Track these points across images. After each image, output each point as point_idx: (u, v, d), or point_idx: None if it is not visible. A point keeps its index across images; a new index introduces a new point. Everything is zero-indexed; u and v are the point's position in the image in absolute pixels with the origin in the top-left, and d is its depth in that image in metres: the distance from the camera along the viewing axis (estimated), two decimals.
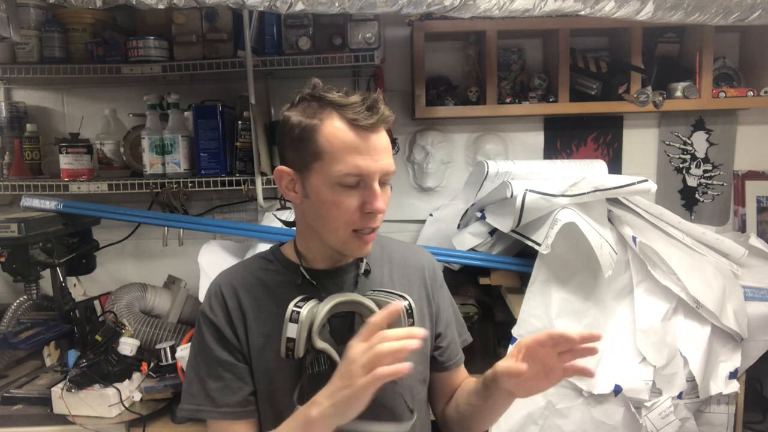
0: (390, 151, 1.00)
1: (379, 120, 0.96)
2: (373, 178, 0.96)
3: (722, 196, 2.16)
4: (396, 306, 0.89)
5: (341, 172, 0.95)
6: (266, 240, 1.73)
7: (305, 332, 0.94)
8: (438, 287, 1.18)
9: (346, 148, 0.94)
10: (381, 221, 1.01)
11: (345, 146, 0.94)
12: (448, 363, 1.18)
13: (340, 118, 0.95)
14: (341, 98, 0.96)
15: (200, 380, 1.04)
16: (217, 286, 1.08)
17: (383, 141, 0.98)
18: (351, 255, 1.05)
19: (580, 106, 1.97)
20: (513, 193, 1.54)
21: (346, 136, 0.95)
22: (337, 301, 0.97)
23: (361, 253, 1.03)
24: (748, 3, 1.45)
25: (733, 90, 1.96)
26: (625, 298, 1.55)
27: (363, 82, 2.09)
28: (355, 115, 0.94)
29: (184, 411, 1.04)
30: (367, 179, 0.96)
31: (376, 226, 1.00)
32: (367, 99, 0.96)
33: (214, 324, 1.04)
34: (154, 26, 1.94)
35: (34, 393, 1.66)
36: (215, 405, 1.02)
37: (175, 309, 1.96)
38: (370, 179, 0.96)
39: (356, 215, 0.97)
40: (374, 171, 0.96)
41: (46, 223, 1.73)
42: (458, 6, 1.38)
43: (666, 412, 1.47)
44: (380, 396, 1.04)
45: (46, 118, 2.16)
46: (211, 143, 1.88)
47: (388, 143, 0.99)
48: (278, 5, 1.35)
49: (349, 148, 0.94)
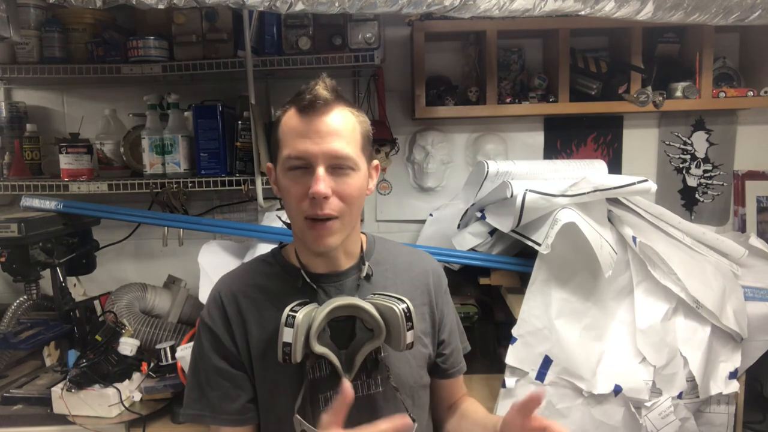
0: (344, 136, 0.97)
1: (313, 99, 0.95)
2: (315, 161, 0.95)
3: (722, 196, 2.16)
4: (405, 423, 0.85)
5: (286, 155, 0.97)
6: (266, 240, 1.73)
7: (302, 337, 0.93)
8: (443, 294, 1.18)
9: (291, 133, 0.97)
10: (337, 210, 0.97)
11: (291, 131, 0.97)
12: (451, 370, 1.18)
13: (293, 106, 0.99)
14: (301, 89, 0.99)
15: (200, 387, 1.05)
16: (216, 292, 1.08)
17: (331, 124, 0.96)
18: (312, 248, 1.01)
19: (580, 106, 1.97)
20: (513, 193, 1.54)
21: (293, 121, 0.98)
22: (335, 305, 0.97)
23: (319, 246, 0.99)
24: (748, 3, 1.45)
25: (733, 90, 1.96)
26: (625, 298, 1.55)
27: (363, 82, 2.09)
28: (299, 100, 0.97)
29: (186, 416, 1.05)
30: (311, 162, 0.96)
31: (322, 212, 0.96)
32: (312, 83, 0.98)
33: (212, 331, 1.05)
34: (154, 26, 1.94)
35: (34, 393, 1.66)
36: (215, 411, 1.03)
37: (175, 309, 1.96)
38: (313, 162, 0.95)
39: (305, 201, 0.96)
40: (314, 153, 0.95)
41: (46, 223, 1.73)
42: (458, 6, 1.38)
43: (666, 412, 1.47)
44: (383, 403, 1.04)
45: (46, 118, 2.16)
46: (211, 143, 1.88)
47: (340, 127, 0.97)
48: (278, 5, 1.35)
49: (293, 132, 0.97)
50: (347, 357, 1.01)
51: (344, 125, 0.98)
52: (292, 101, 1.00)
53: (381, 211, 2.20)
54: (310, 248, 1.02)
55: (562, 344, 1.45)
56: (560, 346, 1.45)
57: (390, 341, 0.99)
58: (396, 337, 0.97)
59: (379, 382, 1.05)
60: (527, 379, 1.46)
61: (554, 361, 1.45)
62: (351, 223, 1.02)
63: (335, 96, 0.98)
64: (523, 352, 1.47)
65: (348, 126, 0.99)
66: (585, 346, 1.47)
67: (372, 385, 1.04)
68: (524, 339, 1.47)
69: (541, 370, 1.45)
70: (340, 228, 0.99)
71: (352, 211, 1.00)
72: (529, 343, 1.47)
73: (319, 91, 0.96)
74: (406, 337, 0.97)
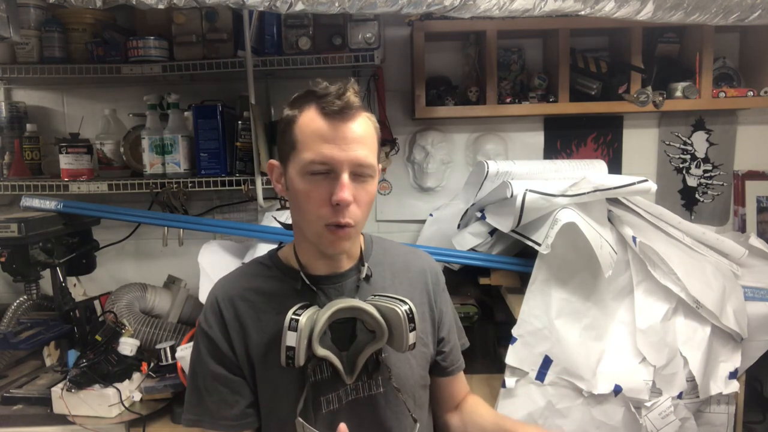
0: (367, 144, 0.97)
1: (345, 106, 0.94)
2: (340, 168, 0.94)
3: (722, 196, 2.16)
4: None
5: (308, 160, 0.95)
6: (266, 240, 1.73)
7: (305, 340, 0.93)
8: (441, 292, 1.18)
9: (315, 136, 0.95)
10: (355, 218, 0.97)
11: (314, 134, 0.95)
12: (451, 368, 1.18)
13: (315, 108, 0.96)
14: (322, 89, 0.96)
15: (198, 392, 1.04)
16: (213, 296, 1.07)
17: (357, 131, 0.95)
18: (325, 251, 1.01)
19: (580, 106, 1.97)
20: (513, 193, 1.53)
21: (317, 124, 0.95)
22: (337, 307, 0.96)
23: (334, 250, 1.00)
24: (748, 3, 1.45)
25: (733, 90, 1.96)
26: (625, 298, 1.55)
27: (363, 82, 2.09)
28: (326, 104, 0.95)
29: (186, 421, 1.05)
30: (335, 168, 0.94)
31: (345, 221, 0.95)
32: (341, 88, 0.96)
33: (209, 336, 1.04)
34: (154, 26, 1.94)
35: (34, 393, 1.66)
36: (213, 417, 1.03)
37: (175, 309, 1.96)
38: (338, 168, 0.94)
39: (326, 208, 0.95)
40: (341, 160, 0.94)
41: (46, 223, 1.73)
42: (458, 6, 1.38)
43: (666, 412, 1.47)
44: (384, 403, 1.04)
45: (46, 118, 2.16)
46: (211, 143, 1.88)
47: (364, 135, 0.96)
48: (278, 5, 1.35)
49: (318, 136, 0.95)
50: (348, 359, 1.01)
51: (367, 132, 0.98)
52: (312, 101, 0.97)
53: (381, 211, 2.20)
54: (324, 251, 1.01)
55: (562, 344, 1.45)
56: (560, 346, 1.45)
57: (392, 343, 0.99)
58: (398, 338, 0.97)
59: (380, 382, 1.04)
60: (527, 379, 1.46)
61: (554, 361, 1.45)
62: (362, 228, 1.03)
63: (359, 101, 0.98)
64: (523, 352, 1.47)
65: (370, 133, 0.98)
66: (585, 346, 1.47)
67: (373, 386, 1.04)
68: (524, 339, 1.47)
69: (541, 370, 1.45)
70: (355, 234, 1.00)
71: (366, 217, 1.01)
72: (529, 343, 1.47)
73: (351, 98, 0.95)
74: (408, 339, 0.96)
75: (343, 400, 1.03)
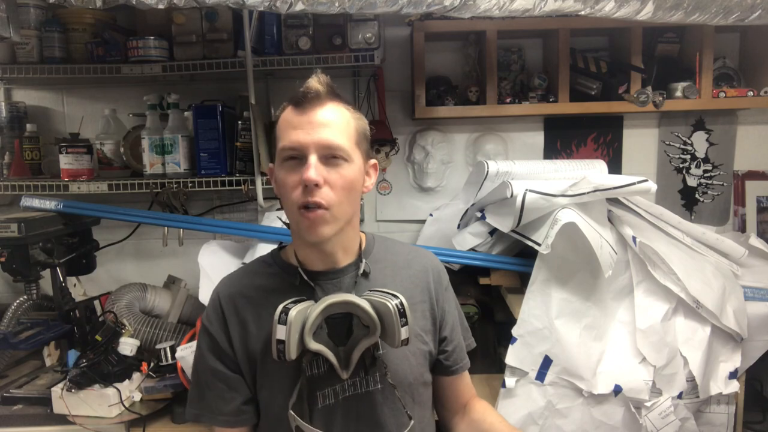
0: (336, 128, 0.99)
1: (307, 92, 0.98)
2: (307, 150, 0.97)
3: (722, 196, 2.16)
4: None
5: (281, 147, 1.00)
6: (266, 240, 1.73)
7: (297, 334, 0.94)
8: (444, 291, 1.18)
9: (286, 126, 1.00)
10: (327, 199, 0.97)
11: (287, 125, 1.00)
12: (454, 367, 1.18)
13: (290, 104, 1.02)
14: (298, 85, 1.01)
15: (199, 387, 1.07)
16: (215, 294, 1.10)
17: (323, 115, 0.99)
18: (306, 238, 1.01)
19: (580, 106, 1.97)
20: (513, 193, 1.54)
21: (288, 115, 1.01)
22: (330, 302, 0.97)
23: (311, 235, 0.99)
24: (748, 3, 1.45)
25: (733, 90, 1.96)
26: (625, 298, 1.56)
27: (363, 82, 2.09)
28: (295, 97, 1.01)
29: (189, 415, 1.08)
30: (303, 152, 0.98)
31: (313, 199, 0.96)
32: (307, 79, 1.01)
33: (209, 333, 1.07)
34: (154, 26, 1.94)
35: (34, 393, 1.66)
36: (213, 412, 1.05)
37: (175, 309, 1.96)
38: (305, 152, 0.97)
39: (298, 190, 0.98)
40: (306, 143, 0.97)
41: (46, 223, 1.72)
42: (458, 6, 1.38)
43: (666, 412, 1.47)
44: (381, 400, 1.04)
45: (46, 118, 2.16)
46: (211, 143, 1.88)
47: (332, 119, 0.99)
48: (278, 5, 1.35)
49: (288, 125, 1.00)
50: (344, 354, 1.01)
51: (337, 117, 1.00)
52: (289, 100, 1.03)
53: (381, 211, 2.20)
54: (305, 238, 1.02)
55: (562, 344, 1.45)
56: (560, 346, 1.45)
57: (385, 337, 0.99)
58: (390, 333, 0.97)
59: (377, 379, 1.05)
60: (527, 379, 1.46)
61: (554, 361, 1.45)
62: (344, 216, 1.02)
63: (329, 91, 1.01)
64: (523, 352, 1.47)
65: (341, 119, 1.01)
66: (585, 346, 1.47)
67: (371, 382, 1.05)
68: (524, 339, 1.47)
69: (541, 370, 1.45)
70: (332, 219, 0.99)
71: (344, 203, 1.00)
72: (529, 343, 1.47)
73: (312, 84, 0.99)
74: (400, 333, 0.97)
75: (339, 395, 1.03)
